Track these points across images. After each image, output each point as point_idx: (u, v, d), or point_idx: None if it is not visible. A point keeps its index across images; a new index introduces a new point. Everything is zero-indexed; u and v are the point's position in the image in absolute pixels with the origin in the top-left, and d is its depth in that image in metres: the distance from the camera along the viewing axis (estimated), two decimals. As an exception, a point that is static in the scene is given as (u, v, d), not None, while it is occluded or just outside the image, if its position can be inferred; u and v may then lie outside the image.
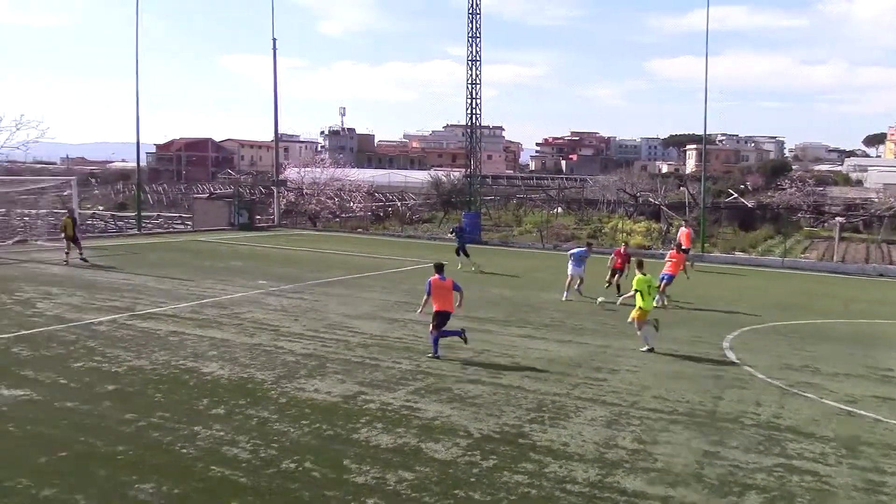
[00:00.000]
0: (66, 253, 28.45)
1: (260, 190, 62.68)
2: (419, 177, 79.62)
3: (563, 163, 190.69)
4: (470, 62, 44.34)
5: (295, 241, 40.76)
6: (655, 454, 10.77)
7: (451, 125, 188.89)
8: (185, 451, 10.28)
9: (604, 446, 11.01)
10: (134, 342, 16.18)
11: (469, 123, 45.78)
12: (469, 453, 10.56)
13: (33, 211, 43.11)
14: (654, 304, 18.36)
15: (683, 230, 32.51)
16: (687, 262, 26.16)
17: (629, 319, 17.58)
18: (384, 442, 10.86)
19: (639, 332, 17.20)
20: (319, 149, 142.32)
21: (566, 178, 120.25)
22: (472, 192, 47.04)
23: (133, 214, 52.15)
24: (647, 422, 12.19)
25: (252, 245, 37.74)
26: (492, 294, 24.37)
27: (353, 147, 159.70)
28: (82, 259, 28.36)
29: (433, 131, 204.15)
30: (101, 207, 69.40)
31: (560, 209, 63.93)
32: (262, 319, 18.99)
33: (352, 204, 55.70)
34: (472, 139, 46.24)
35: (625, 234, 44.22)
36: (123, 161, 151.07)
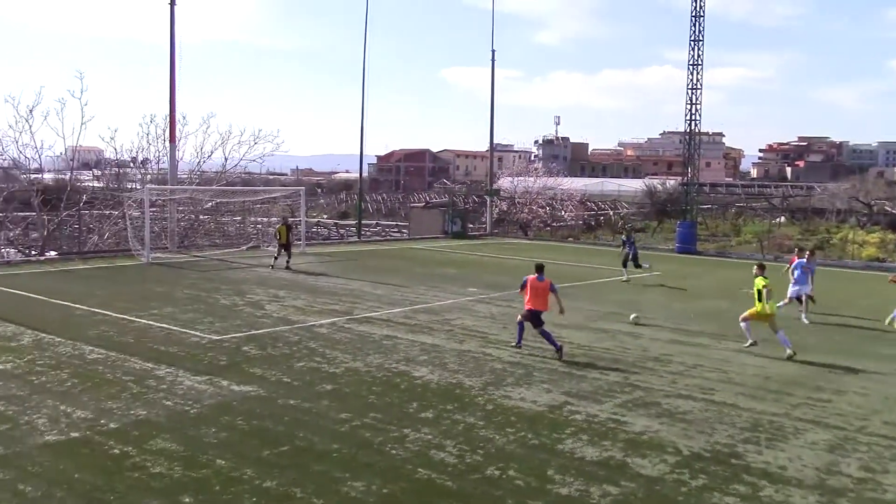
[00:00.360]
0: (275, 258, 29.91)
1: (473, 199, 63.98)
2: (633, 185, 78.32)
3: (789, 170, 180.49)
4: (691, 66, 43.00)
5: (506, 249, 41.21)
6: (885, 485, 9.93)
7: (668, 132, 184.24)
8: (394, 452, 10.64)
9: (825, 472, 10.29)
10: (351, 345, 16.96)
11: (687, 130, 44.44)
12: (677, 471, 10.21)
13: (265, 219, 46.29)
14: None
15: None
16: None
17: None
18: (589, 454, 10.72)
19: (742, 325, 17.47)
20: (533, 158, 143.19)
21: (791, 186, 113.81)
22: (688, 201, 45.58)
23: (354, 223, 54.81)
24: (875, 448, 11.28)
25: (464, 253, 38.54)
26: (706, 306, 23.49)
27: (566, 156, 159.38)
28: (287, 267, 29.51)
29: (649, 139, 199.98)
30: (325, 216, 73.42)
31: (783, 218, 60.65)
32: (472, 326, 19.32)
33: (563, 213, 55.64)
34: (690, 146, 44.81)
35: (855, 246, 41.26)
36: (347, 172, 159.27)
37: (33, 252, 34.36)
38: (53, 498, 8.85)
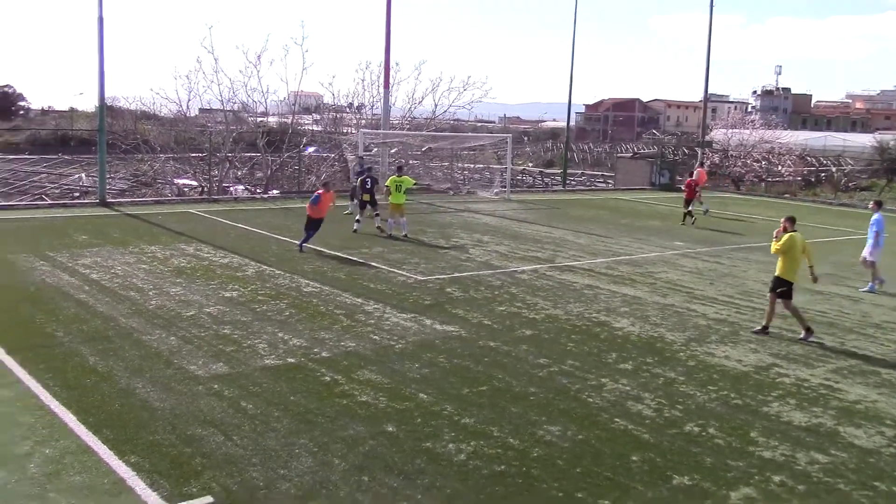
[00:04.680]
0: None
1: (683, 151, 61.73)
2: (861, 140, 72.67)
3: None
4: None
5: (715, 203, 39.58)
6: None
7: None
8: (591, 400, 10.63)
9: None
10: (552, 292, 17.00)
11: (927, 80, 40.61)
12: (895, 445, 9.56)
13: (471, 165, 46.96)
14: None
15: None
16: None
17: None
18: (797, 419, 10.24)
19: (389, 220, 23.69)
20: (749, 109, 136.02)
21: None
22: (924, 158, 41.83)
23: (559, 171, 54.50)
24: None
25: (671, 206, 37.39)
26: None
27: (786, 108, 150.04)
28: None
29: (882, 90, 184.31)
30: (530, 164, 73.41)
31: None
32: (676, 280, 18.83)
33: (780, 168, 52.65)
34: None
35: None
36: (554, 120, 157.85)
37: (258, 190, 36.69)
38: (271, 416, 9.56)
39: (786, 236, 14.20)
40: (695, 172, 33.26)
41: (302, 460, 8.42)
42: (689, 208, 30.21)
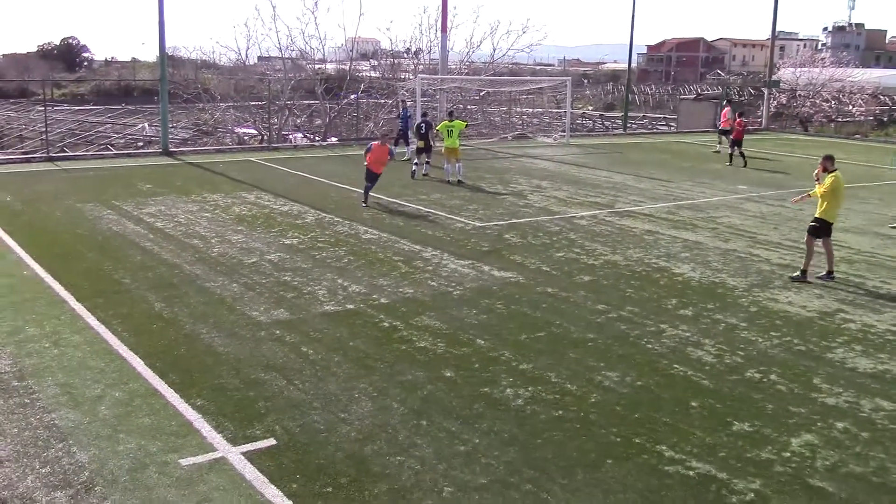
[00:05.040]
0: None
1: (749, 91, 60.04)
2: (937, 77, 69.75)
3: None
4: None
5: (782, 145, 38.63)
6: None
7: None
8: (650, 346, 10.56)
9: None
10: (611, 238, 16.85)
11: None
12: (965, 392, 9.33)
13: (530, 109, 46.41)
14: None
15: None
16: None
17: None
18: (862, 366, 10.05)
19: (446, 166, 23.78)
20: (819, 47, 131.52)
21: None
22: None
23: (620, 115, 53.59)
24: None
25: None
26: None
27: (859, 45, 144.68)
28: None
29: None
30: (590, 107, 72.33)
31: None
32: (739, 225, 18.49)
33: (851, 107, 50.96)
34: None
35: None
36: (615, 62, 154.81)
37: (317, 138, 36.86)
38: (331, 361, 9.71)
39: (830, 177, 13.82)
40: (728, 111, 33.06)
41: (362, 404, 8.56)
42: (740, 149, 29.49)
